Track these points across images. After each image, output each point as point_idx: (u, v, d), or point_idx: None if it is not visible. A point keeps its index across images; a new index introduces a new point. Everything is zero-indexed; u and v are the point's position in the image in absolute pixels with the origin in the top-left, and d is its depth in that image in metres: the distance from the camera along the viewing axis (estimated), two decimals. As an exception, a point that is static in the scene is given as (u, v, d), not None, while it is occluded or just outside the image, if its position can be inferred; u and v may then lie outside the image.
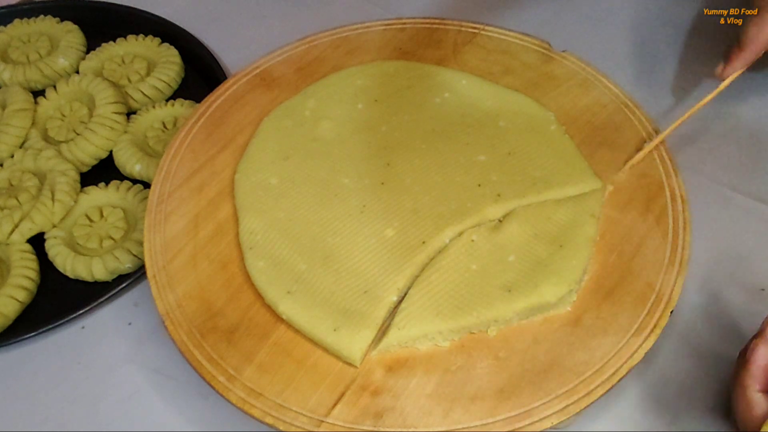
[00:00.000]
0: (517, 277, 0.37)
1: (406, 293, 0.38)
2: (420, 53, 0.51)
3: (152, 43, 0.60)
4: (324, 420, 0.34)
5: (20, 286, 0.45)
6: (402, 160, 0.44)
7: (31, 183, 0.49)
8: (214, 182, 0.45)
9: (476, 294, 0.37)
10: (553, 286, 0.36)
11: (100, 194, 0.49)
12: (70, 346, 0.44)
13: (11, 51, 0.60)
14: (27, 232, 0.47)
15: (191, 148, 0.46)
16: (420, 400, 0.35)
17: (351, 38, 0.53)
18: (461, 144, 0.44)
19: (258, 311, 0.39)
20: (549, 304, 0.36)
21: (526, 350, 0.36)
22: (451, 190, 0.42)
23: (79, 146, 0.51)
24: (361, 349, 0.36)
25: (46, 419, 0.41)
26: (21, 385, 0.42)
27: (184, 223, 0.43)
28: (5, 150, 0.52)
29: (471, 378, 0.35)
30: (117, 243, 0.47)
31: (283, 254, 0.40)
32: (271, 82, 0.50)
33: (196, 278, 0.40)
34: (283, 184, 0.43)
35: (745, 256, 0.43)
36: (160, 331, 0.40)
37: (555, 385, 0.34)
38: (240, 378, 0.36)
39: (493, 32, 0.52)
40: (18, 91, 0.55)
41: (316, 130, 0.46)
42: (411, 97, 0.48)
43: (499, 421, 0.33)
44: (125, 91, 0.56)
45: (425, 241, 0.39)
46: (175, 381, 0.41)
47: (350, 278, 0.38)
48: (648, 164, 0.43)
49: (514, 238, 0.39)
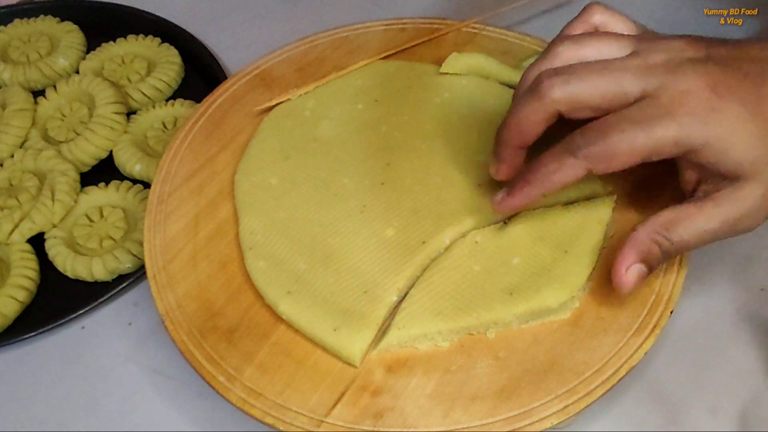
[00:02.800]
0: (519, 281, 0.37)
1: (407, 293, 0.38)
2: (420, 53, 0.51)
3: (152, 43, 0.60)
4: (324, 420, 0.34)
5: (20, 286, 0.45)
6: (402, 160, 0.44)
7: (31, 183, 0.49)
8: (214, 182, 0.45)
9: (477, 295, 0.37)
10: (555, 291, 0.36)
11: (100, 194, 0.49)
12: (70, 346, 0.44)
13: (11, 51, 0.60)
14: (27, 232, 0.47)
15: (191, 148, 0.47)
16: (420, 400, 0.35)
17: (351, 38, 0.53)
18: (461, 144, 0.44)
19: (258, 311, 0.39)
20: (550, 310, 0.36)
21: (526, 350, 0.36)
22: (451, 191, 0.42)
23: (79, 146, 0.51)
24: (361, 349, 0.36)
25: (46, 419, 0.41)
26: (21, 385, 0.42)
27: (184, 223, 0.43)
28: (5, 150, 0.52)
29: (471, 378, 0.35)
30: (117, 243, 0.47)
31: (283, 254, 0.40)
32: (271, 82, 0.50)
33: (196, 278, 0.40)
34: (283, 184, 0.43)
35: (745, 256, 0.43)
36: (160, 331, 0.40)
37: (555, 385, 0.34)
38: (240, 378, 0.36)
39: (493, 32, 0.52)
40: (18, 91, 0.55)
41: (316, 130, 0.46)
42: (411, 97, 0.48)
43: (499, 421, 0.33)
44: (125, 91, 0.56)
45: (425, 241, 0.39)
46: (175, 381, 0.41)
47: (350, 278, 0.38)
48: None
49: (519, 240, 0.39)
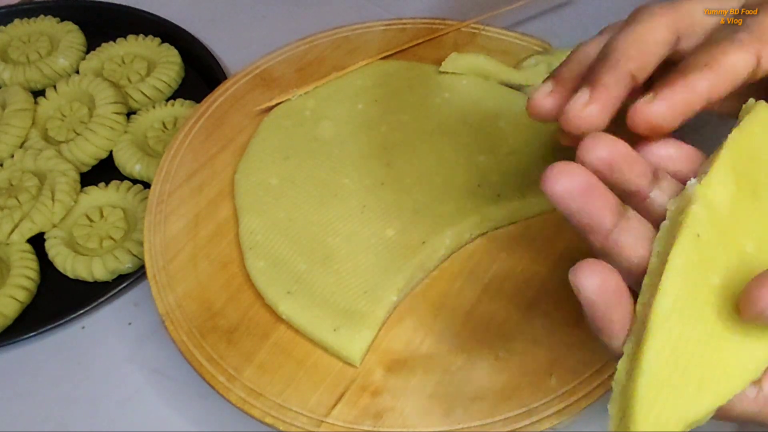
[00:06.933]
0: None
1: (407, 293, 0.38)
2: (420, 53, 0.51)
3: (152, 43, 0.60)
4: (324, 420, 0.34)
5: (20, 286, 0.45)
6: (402, 161, 0.44)
7: (31, 183, 0.49)
8: (214, 182, 0.45)
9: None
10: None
11: (100, 194, 0.49)
12: (70, 346, 0.44)
13: (11, 51, 0.60)
14: (27, 232, 0.47)
15: (191, 148, 0.47)
16: (420, 400, 0.35)
17: (351, 38, 0.53)
18: (461, 144, 0.44)
19: (258, 311, 0.39)
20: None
21: (526, 350, 0.36)
22: (451, 191, 0.42)
23: (79, 146, 0.51)
24: (362, 349, 0.36)
25: (46, 419, 0.41)
26: (21, 385, 0.42)
27: (184, 223, 0.43)
28: (5, 150, 0.52)
29: (471, 378, 0.35)
30: (117, 243, 0.47)
31: (283, 254, 0.40)
32: (271, 82, 0.50)
33: (196, 278, 0.40)
34: (283, 184, 0.43)
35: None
36: (160, 331, 0.40)
37: (555, 385, 0.34)
38: (240, 378, 0.36)
39: (493, 32, 0.52)
40: (18, 91, 0.55)
41: (316, 130, 0.46)
42: (411, 97, 0.48)
43: (499, 421, 0.33)
44: (125, 91, 0.56)
45: (425, 241, 0.39)
46: (175, 381, 0.41)
47: (350, 278, 0.38)
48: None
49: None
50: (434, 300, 0.39)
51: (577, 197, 0.23)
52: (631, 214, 0.24)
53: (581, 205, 0.23)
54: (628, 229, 0.24)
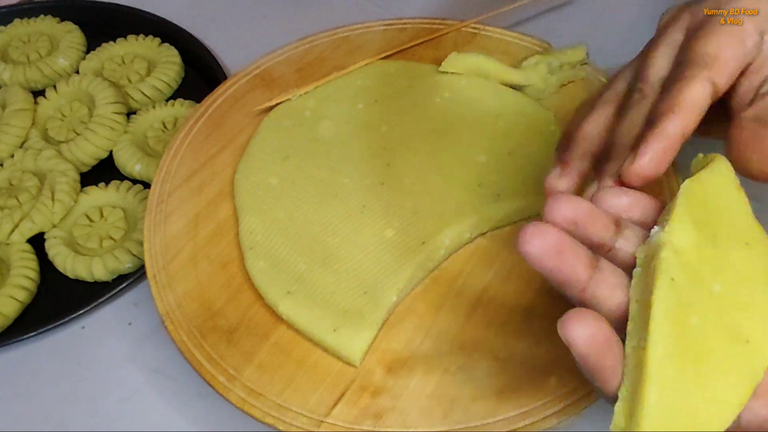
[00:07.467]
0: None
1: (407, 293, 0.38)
2: (420, 53, 0.51)
3: (152, 43, 0.60)
4: (324, 420, 0.34)
5: (20, 286, 0.45)
6: (402, 160, 0.44)
7: (31, 183, 0.49)
8: (214, 182, 0.45)
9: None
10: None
11: (100, 194, 0.49)
12: (70, 346, 0.44)
13: (11, 51, 0.60)
14: (27, 232, 0.47)
15: (191, 148, 0.47)
16: (420, 400, 0.35)
17: (351, 38, 0.53)
18: (461, 144, 0.44)
19: (258, 311, 0.39)
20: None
21: (526, 350, 0.36)
22: (451, 191, 0.42)
23: (79, 146, 0.51)
24: (361, 350, 0.36)
25: (46, 419, 0.41)
26: (21, 385, 0.42)
27: (184, 223, 0.43)
28: (5, 150, 0.52)
29: (471, 378, 0.35)
30: (117, 243, 0.47)
31: (283, 254, 0.40)
32: (271, 82, 0.50)
33: (196, 278, 0.40)
34: (283, 184, 0.43)
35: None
36: (160, 331, 0.40)
37: (555, 385, 0.34)
38: (240, 378, 0.36)
39: (493, 32, 0.52)
40: (18, 91, 0.55)
41: (316, 130, 0.46)
42: (411, 97, 0.48)
43: (499, 421, 0.33)
44: (125, 91, 0.56)
45: (425, 241, 0.39)
46: (175, 381, 0.41)
47: (350, 278, 0.38)
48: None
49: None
50: (434, 300, 0.39)
51: (552, 256, 0.25)
52: (603, 265, 0.26)
53: (556, 263, 0.25)
54: (603, 280, 0.25)
